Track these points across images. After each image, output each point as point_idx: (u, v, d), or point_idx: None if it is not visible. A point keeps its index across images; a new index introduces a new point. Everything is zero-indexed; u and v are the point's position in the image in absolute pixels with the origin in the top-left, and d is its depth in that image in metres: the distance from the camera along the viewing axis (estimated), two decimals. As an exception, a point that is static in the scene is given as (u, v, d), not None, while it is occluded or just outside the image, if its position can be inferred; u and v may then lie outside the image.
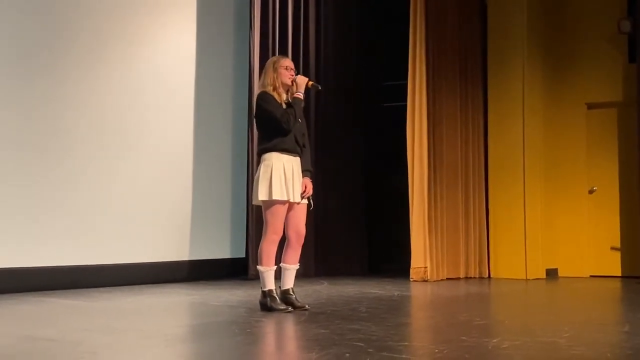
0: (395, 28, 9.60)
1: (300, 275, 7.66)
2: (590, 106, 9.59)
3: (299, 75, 5.51)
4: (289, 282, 5.45)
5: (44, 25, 6.93)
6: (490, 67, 9.40)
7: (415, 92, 8.62)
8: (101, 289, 6.92)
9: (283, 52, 8.35)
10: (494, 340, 4.01)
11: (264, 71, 5.55)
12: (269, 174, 5.28)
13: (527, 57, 9.19)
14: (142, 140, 7.72)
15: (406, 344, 4.00)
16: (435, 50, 8.89)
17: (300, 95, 5.45)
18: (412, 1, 8.63)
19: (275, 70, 5.43)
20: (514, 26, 9.24)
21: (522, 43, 9.19)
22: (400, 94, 9.01)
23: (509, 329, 4.76)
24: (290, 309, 5.29)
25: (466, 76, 9.28)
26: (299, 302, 5.41)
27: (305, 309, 5.35)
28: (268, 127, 5.38)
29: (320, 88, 5.68)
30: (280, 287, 5.45)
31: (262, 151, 5.40)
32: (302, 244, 5.50)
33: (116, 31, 7.52)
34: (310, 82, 5.51)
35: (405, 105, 8.67)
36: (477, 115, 9.34)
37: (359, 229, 9.78)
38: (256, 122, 5.56)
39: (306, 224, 5.57)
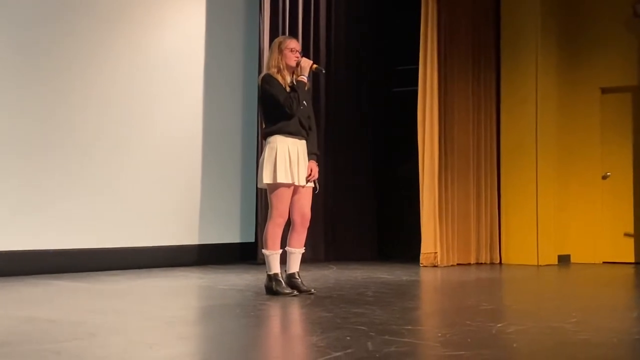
0: (406, 11, 9.51)
1: (309, 260, 7.65)
2: (604, 90, 9.47)
3: (303, 58, 5.42)
4: (294, 266, 5.41)
5: (47, 8, 6.86)
6: (504, 51, 9.28)
7: (426, 77, 8.53)
8: (109, 272, 6.90)
9: (293, 35, 8.27)
10: (499, 325, 3.95)
11: (269, 51, 5.48)
12: (274, 157, 5.22)
13: (540, 41, 9.07)
14: (151, 123, 7.68)
15: (409, 327, 3.95)
16: (447, 34, 8.79)
17: (304, 79, 5.36)
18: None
19: (280, 51, 5.36)
20: (528, 9, 9.12)
21: (535, 26, 9.08)
22: (411, 78, 8.93)
23: (515, 313, 4.70)
24: (295, 292, 5.25)
25: (479, 60, 9.17)
26: (304, 286, 5.36)
27: (311, 293, 5.31)
28: (271, 111, 5.32)
29: (324, 72, 5.61)
30: (286, 270, 5.40)
31: (267, 134, 5.34)
32: (307, 228, 5.44)
33: (123, 13, 7.47)
34: (315, 65, 5.43)
35: (416, 90, 8.58)
36: (490, 100, 9.24)
37: (369, 213, 9.72)
38: (260, 105, 5.51)
39: (316, 209, 5.53)
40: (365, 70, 9.71)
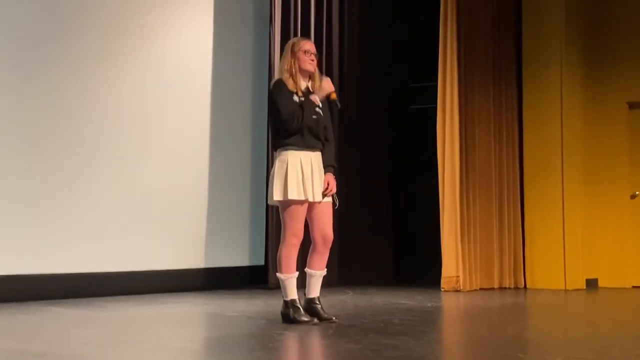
0: (421, 27, 9.16)
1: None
2: (632, 105, 9.02)
3: (328, 80, 4.96)
4: (314, 290, 4.92)
5: (54, 14, 6.55)
6: (526, 65, 8.84)
7: (445, 92, 8.10)
8: (110, 298, 6.48)
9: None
10: (558, 359, 3.43)
11: (282, 54, 5.03)
12: (284, 171, 4.76)
13: (565, 54, 8.63)
14: (154, 140, 7.29)
15: (455, 362, 3.45)
16: (466, 49, 8.36)
17: (317, 100, 4.88)
18: (442, 5, 8.11)
19: (293, 54, 4.91)
20: (551, 21, 8.68)
21: (559, 39, 8.64)
22: (428, 95, 8.61)
23: (568, 344, 4.17)
24: (315, 320, 4.75)
25: (500, 74, 8.74)
26: (325, 313, 4.86)
27: (333, 321, 4.81)
28: (276, 122, 4.89)
29: (339, 106, 5.11)
30: (305, 295, 4.90)
31: (277, 146, 4.88)
32: (329, 248, 4.98)
33: (129, 22, 7.12)
34: (334, 95, 4.96)
35: (433, 108, 8.19)
36: (512, 116, 8.79)
37: (385, 235, 9.28)
38: (268, 114, 5.05)
39: (329, 229, 5.04)
40: (380, 87, 9.33)
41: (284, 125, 4.79)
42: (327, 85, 4.95)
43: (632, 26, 8.97)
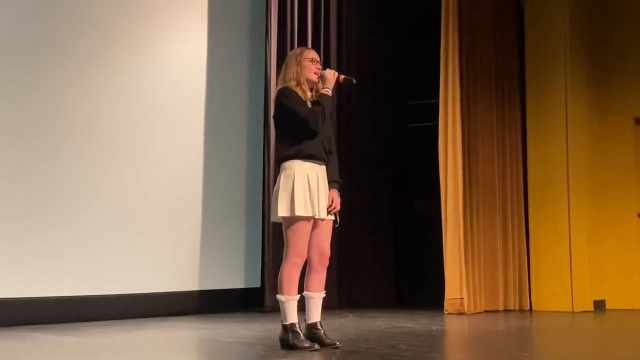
0: (420, 43, 9.02)
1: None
2: (638, 121, 8.79)
3: (327, 69, 4.74)
4: (315, 314, 4.65)
5: (49, 27, 6.41)
6: (529, 78, 8.62)
7: (447, 107, 7.89)
8: (99, 323, 6.23)
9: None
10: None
11: (284, 65, 4.80)
12: (291, 186, 4.51)
13: (569, 68, 8.40)
14: (146, 155, 7.08)
15: (472, 393, 3.15)
16: (469, 63, 8.16)
17: (329, 92, 4.67)
18: (443, 16, 7.94)
19: (298, 63, 4.68)
20: (555, 34, 8.47)
21: (563, 52, 8.42)
22: (426, 114, 8.51)
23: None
24: (316, 346, 4.48)
25: (502, 89, 8.53)
26: (328, 338, 4.59)
27: (336, 347, 4.54)
28: (291, 129, 4.61)
29: (354, 82, 4.88)
30: (305, 321, 4.62)
31: (283, 158, 4.63)
32: (326, 267, 4.73)
33: (127, 30, 7.00)
34: (342, 76, 4.74)
35: (432, 126, 8.03)
36: (515, 132, 8.57)
37: (385, 255, 9.02)
38: (276, 124, 4.78)
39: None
40: (378, 105, 9.12)
41: (306, 126, 4.54)
42: (330, 74, 4.74)
43: (639, 39, 8.78)
